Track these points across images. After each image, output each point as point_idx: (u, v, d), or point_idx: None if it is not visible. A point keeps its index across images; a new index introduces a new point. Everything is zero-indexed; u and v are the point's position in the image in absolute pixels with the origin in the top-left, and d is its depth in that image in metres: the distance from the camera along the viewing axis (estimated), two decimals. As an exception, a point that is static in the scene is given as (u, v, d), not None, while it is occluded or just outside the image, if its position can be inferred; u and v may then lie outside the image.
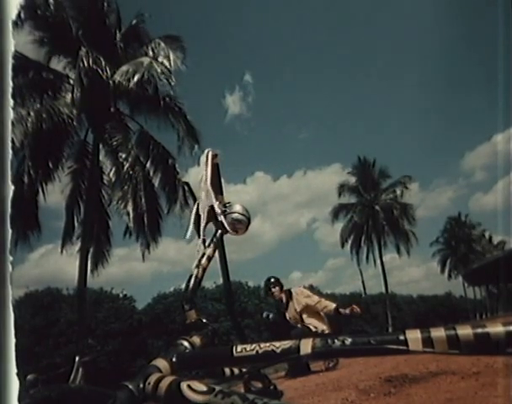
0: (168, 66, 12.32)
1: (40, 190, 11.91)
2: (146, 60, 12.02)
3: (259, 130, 50.59)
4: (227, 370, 0.84)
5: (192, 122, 13.38)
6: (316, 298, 4.64)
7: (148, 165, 13.16)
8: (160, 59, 12.49)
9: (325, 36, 58.90)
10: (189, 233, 1.02)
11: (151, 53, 12.78)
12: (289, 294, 4.69)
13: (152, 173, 13.24)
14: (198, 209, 1.06)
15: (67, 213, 13.02)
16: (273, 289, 4.73)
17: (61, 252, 12.89)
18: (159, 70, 11.76)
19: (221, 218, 1.05)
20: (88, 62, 10.99)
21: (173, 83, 12.10)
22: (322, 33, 57.70)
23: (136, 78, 11.36)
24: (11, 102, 0.59)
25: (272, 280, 4.79)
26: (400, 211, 28.45)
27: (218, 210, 1.05)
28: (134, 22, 13.29)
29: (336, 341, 0.63)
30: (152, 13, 14.16)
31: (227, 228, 1.06)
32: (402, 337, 0.59)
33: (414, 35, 52.74)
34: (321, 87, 57.08)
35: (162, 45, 12.88)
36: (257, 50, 58.82)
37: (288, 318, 4.62)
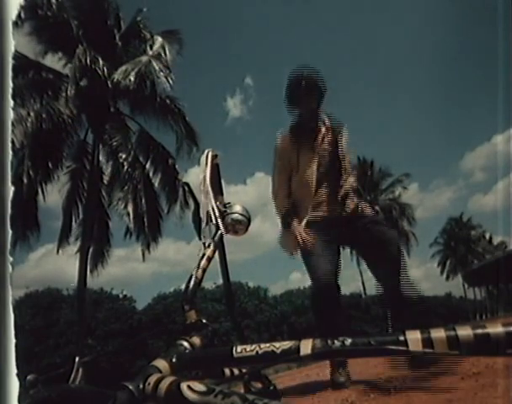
0: (164, 58, 12.26)
1: (40, 190, 11.88)
2: (144, 58, 12.01)
3: (260, 131, 50.63)
4: (227, 371, 0.84)
5: (191, 124, 13.32)
6: None
7: (148, 165, 13.11)
8: (156, 52, 12.46)
9: (325, 37, 59.00)
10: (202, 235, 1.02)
11: (149, 50, 12.76)
12: None
13: (151, 174, 13.19)
14: (198, 210, 1.06)
15: (66, 213, 13.00)
16: None
17: (57, 252, 12.84)
18: (157, 67, 11.73)
19: (220, 220, 1.05)
20: (86, 61, 10.98)
21: (171, 81, 12.06)
22: (323, 34, 57.71)
23: (134, 77, 11.34)
24: (11, 102, 0.59)
25: None
26: (399, 212, 28.46)
27: (218, 211, 1.05)
28: (133, 20, 13.26)
29: (336, 341, 0.63)
30: (152, 14, 14.12)
31: (227, 229, 1.06)
32: (402, 338, 0.59)
33: (414, 36, 52.83)
34: (321, 87, 56.97)
35: (160, 39, 12.85)
36: (258, 53, 58.81)
37: None
